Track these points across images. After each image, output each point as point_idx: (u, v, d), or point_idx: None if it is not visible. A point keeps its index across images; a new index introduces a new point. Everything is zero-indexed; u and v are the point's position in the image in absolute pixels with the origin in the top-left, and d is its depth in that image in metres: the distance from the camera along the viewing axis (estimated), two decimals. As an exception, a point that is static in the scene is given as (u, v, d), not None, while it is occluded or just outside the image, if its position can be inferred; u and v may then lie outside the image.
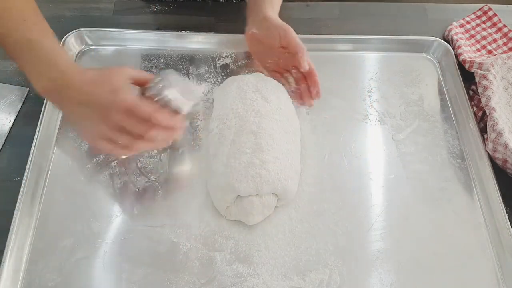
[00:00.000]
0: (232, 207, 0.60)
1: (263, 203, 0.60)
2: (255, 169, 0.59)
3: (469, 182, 0.68)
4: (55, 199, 0.62)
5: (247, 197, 0.59)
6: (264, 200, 0.60)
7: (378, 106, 0.75)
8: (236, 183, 0.58)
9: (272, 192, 0.60)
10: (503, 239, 0.62)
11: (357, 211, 0.64)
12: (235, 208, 0.60)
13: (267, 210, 0.61)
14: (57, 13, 0.83)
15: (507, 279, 0.60)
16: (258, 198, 0.59)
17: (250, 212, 0.59)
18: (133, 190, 0.64)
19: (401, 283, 0.59)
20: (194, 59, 0.78)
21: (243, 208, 0.59)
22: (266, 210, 0.61)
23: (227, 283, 0.57)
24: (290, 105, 0.70)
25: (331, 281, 0.58)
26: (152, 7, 0.85)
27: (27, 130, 0.67)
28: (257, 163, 0.59)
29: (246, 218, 0.60)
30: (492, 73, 0.73)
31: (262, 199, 0.60)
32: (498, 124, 0.68)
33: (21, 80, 0.74)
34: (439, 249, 0.62)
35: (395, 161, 0.69)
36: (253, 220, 0.60)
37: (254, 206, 0.59)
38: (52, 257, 0.58)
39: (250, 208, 0.59)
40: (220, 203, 0.61)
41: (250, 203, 0.59)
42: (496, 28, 0.84)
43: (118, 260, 0.58)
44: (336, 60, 0.80)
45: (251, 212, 0.59)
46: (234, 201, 0.60)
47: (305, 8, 0.88)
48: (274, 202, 0.61)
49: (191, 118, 0.69)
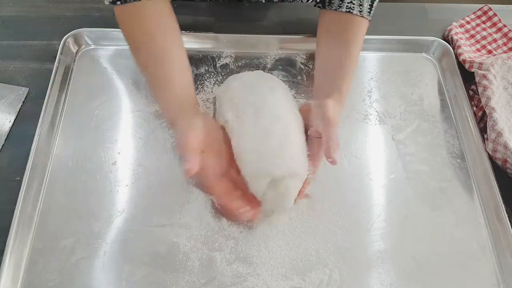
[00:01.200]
0: (268, 192, 0.58)
1: (296, 186, 0.58)
2: (288, 150, 0.58)
3: (469, 182, 0.68)
4: (55, 199, 0.62)
5: (282, 181, 0.57)
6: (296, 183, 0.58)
7: (378, 106, 0.75)
8: (270, 165, 0.57)
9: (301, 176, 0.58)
10: (503, 239, 0.62)
11: (357, 211, 0.64)
12: (272, 192, 0.58)
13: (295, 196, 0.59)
14: (57, 13, 0.83)
15: (507, 279, 0.60)
16: (292, 181, 0.58)
17: (288, 197, 0.57)
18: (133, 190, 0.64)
19: (401, 283, 0.59)
20: (194, 59, 0.78)
21: (280, 193, 0.57)
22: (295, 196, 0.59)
23: (227, 283, 0.57)
24: (292, 100, 0.68)
25: (331, 281, 0.58)
26: (152, 7, 0.85)
27: (27, 130, 0.67)
28: (289, 144, 0.58)
29: (284, 203, 0.58)
30: (492, 73, 0.73)
31: (295, 182, 0.58)
32: (498, 124, 0.68)
33: (21, 80, 0.74)
34: (439, 249, 0.62)
35: (395, 161, 0.69)
36: (290, 204, 0.58)
37: (291, 190, 0.58)
38: (52, 257, 0.58)
39: (287, 192, 0.57)
40: (258, 188, 0.58)
41: (285, 187, 0.57)
42: (496, 28, 0.84)
43: (118, 260, 0.58)
44: (336, 60, 0.80)
45: (289, 197, 0.58)
46: (268, 186, 0.58)
47: (305, 8, 0.88)
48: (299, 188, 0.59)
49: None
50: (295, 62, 0.79)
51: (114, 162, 0.66)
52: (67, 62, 0.76)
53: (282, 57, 0.80)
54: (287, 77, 0.77)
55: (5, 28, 0.81)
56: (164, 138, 0.68)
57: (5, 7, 0.84)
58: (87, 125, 0.69)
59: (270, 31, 0.82)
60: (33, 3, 0.85)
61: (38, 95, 0.72)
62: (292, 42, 0.80)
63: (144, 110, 0.71)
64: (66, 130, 0.69)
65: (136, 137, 0.68)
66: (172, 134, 0.68)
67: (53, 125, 0.69)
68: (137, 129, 0.69)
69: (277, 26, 0.84)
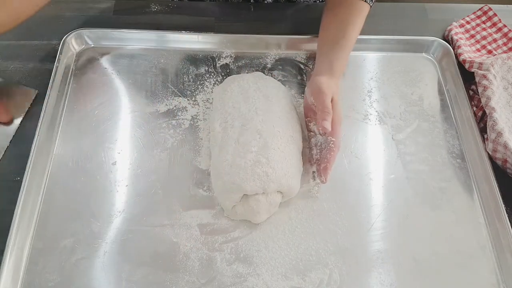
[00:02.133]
0: (238, 206, 0.60)
1: (269, 201, 0.60)
2: (261, 168, 0.59)
3: (469, 182, 0.68)
4: (55, 199, 0.62)
5: (253, 196, 0.59)
6: (270, 198, 0.60)
7: (378, 106, 0.75)
8: (243, 182, 0.58)
9: (278, 190, 0.60)
10: (503, 239, 0.62)
11: (357, 211, 0.64)
12: (241, 208, 0.60)
13: (273, 208, 0.61)
14: (57, 13, 0.83)
15: (507, 279, 0.60)
16: (264, 197, 0.59)
17: (257, 211, 0.59)
18: (133, 190, 0.64)
19: (401, 283, 0.59)
20: (194, 59, 0.78)
21: (249, 207, 0.59)
22: (272, 208, 0.61)
23: (227, 283, 0.57)
24: (290, 104, 0.70)
25: (331, 281, 0.58)
26: (152, 7, 0.85)
27: (27, 130, 0.67)
28: (264, 161, 0.59)
29: (252, 217, 0.60)
30: (492, 73, 0.73)
31: (268, 197, 0.60)
32: (498, 124, 0.68)
33: (21, 80, 0.74)
34: (439, 249, 0.62)
35: (395, 161, 0.69)
36: (259, 218, 0.60)
37: (261, 205, 0.59)
38: (52, 257, 0.58)
39: (257, 207, 0.59)
40: (226, 203, 0.60)
41: (256, 201, 0.59)
42: (496, 28, 0.84)
43: (118, 260, 0.58)
44: (336, 60, 0.80)
45: (258, 211, 0.59)
46: (240, 200, 0.60)
47: (305, 8, 0.88)
48: (279, 200, 0.61)
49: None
50: (295, 62, 0.79)
51: (114, 162, 0.66)
52: (67, 62, 0.76)
53: (282, 57, 0.80)
54: (287, 77, 0.77)
55: (5, 28, 0.81)
56: (164, 138, 0.68)
57: (5, 7, 0.84)
58: (87, 125, 0.69)
59: (270, 31, 0.82)
60: (33, 3, 0.85)
61: (38, 95, 0.72)
62: (292, 42, 0.80)
63: (144, 110, 0.71)
64: (66, 130, 0.69)
65: (136, 137, 0.68)
66: (172, 134, 0.69)
67: (53, 125, 0.69)
68: (137, 129, 0.69)
69: (277, 26, 0.84)
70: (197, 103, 0.73)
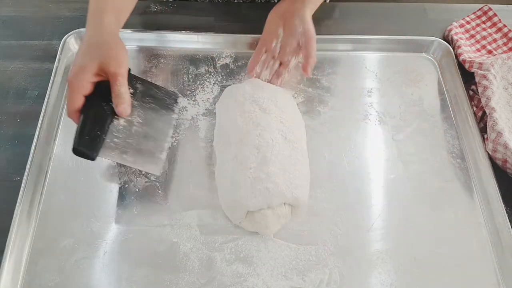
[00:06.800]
0: (245, 223, 0.60)
1: (276, 214, 0.59)
2: (261, 184, 0.58)
3: (469, 182, 0.68)
4: (55, 199, 0.62)
5: (259, 211, 0.58)
6: (277, 211, 0.59)
7: (378, 106, 0.75)
8: (244, 199, 0.58)
9: (283, 202, 0.59)
10: (503, 239, 0.62)
11: (357, 211, 0.64)
12: (248, 223, 0.59)
13: (283, 219, 0.60)
14: (57, 13, 0.83)
15: (507, 279, 0.60)
16: (270, 211, 0.58)
17: (265, 225, 0.58)
18: (133, 190, 0.64)
19: (401, 283, 0.59)
20: (194, 59, 0.78)
21: (256, 222, 0.59)
22: (282, 219, 0.60)
23: (227, 283, 0.57)
24: (291, 110, 0.69)
25: (331, 281, 0.58)
26: (152, 7, 0.85)
27: (27, 130, 0.67)
28: (263, 177, 0.58)
29: (262, 231, 0.59)
30: (492, 73, 0.73)
31: (275, 210, 0.59)
32: (498, 124, 0.68)
33: (21, 80, 0.74)
34: (439, 249, 0.62)
35: (395, 161, 0.69)
36: (270, 231, 0.59)
37: (268, 219, 0.58)
38: (52, 257, 0.58)
39: (265, 221, 0.58)
40: (233, 217, 0.60)
41: (263, 216, 0.58)
42: (496, 28, 0.84)
43: (118, 260, 0.58)
44: (336, 60, 0.80)
45: (266, 225, 0.58)
46: (245, 216, 0.59)
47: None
48: (288, 211, 0.60)
49: None
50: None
51: (114, 162, 0.66)
52: (67, 62, 0.76)
53: (282, 57, 0.80)
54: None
55: (5, 28, 0.81)
56: (164, 138, 0.68)
57: (5, 7, 0.84)
58: (87, 125, 0.69)
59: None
60: (33, 3, 0.85)
61: (38, 95, 0.72)
62: (292, 42, 0.80)
63: (144, 110, 0.71)
64: (66, 130, 0.69)
65: (136, 137, 0.68)
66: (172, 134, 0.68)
67: (53, 125, 0.69)
68: (137, 129, 0.69)
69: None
70: (197, 103, 0.73)
